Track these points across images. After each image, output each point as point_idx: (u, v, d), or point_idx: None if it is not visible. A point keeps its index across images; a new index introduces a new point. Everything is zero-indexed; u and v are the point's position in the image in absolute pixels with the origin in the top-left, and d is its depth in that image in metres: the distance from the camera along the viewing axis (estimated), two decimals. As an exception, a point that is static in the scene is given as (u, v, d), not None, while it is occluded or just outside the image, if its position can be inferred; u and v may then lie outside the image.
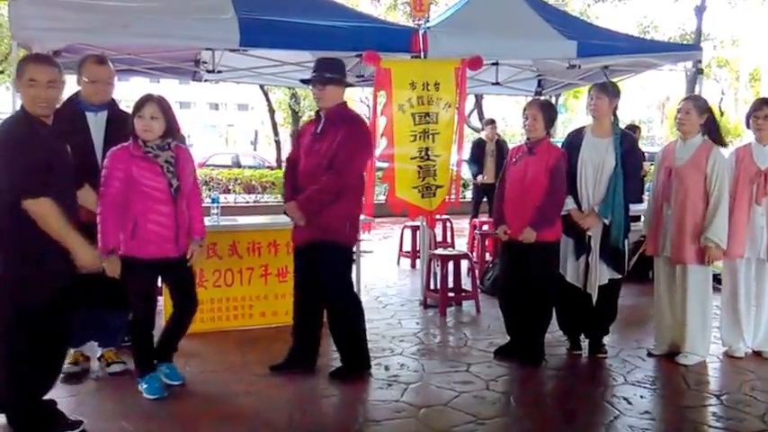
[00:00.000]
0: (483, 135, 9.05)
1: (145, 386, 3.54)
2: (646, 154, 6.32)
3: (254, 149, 27.58)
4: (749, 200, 4.28)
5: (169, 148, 3.49)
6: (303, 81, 4.07)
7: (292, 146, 4.05)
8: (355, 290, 4.06)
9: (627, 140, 4.20)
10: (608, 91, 4.24)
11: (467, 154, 8.30)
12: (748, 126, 4.38)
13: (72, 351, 3.75)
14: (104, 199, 3.34)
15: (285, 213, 3.87)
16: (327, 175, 3.65)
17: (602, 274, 4.16)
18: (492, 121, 9.06)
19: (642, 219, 5.44)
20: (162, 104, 3.45)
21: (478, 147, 8.72)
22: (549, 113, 4.18)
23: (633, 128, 8.29)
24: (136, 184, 3.38)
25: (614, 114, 4.26)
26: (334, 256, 3.77)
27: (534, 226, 3.98)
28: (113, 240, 3.34)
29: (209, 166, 17.22)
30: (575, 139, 4.31)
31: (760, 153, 4.30)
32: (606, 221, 4.12)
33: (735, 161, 4.35)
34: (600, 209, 4.11)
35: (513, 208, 4.13)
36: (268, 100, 17.13)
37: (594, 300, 4.17)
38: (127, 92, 8.57)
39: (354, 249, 4.17)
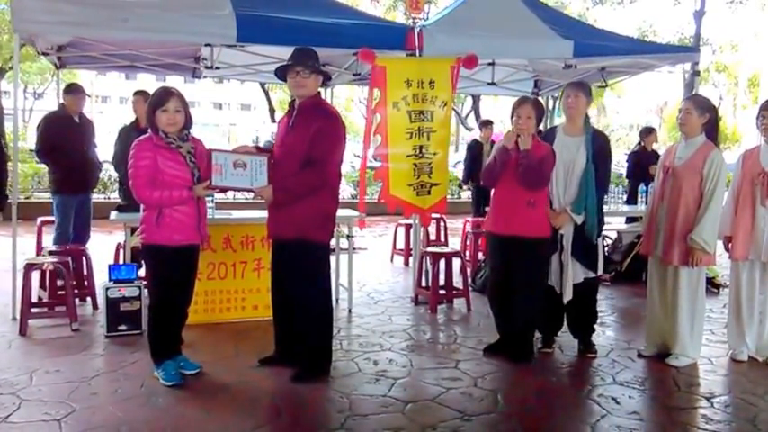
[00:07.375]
0: (478, 137, 9.06)
1: (161, 373, 3.60)
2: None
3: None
4: (752, 201, 4.21)
5: (188, 139, 3.61)
6: (287, 66, 3.70)
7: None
8: (333, 288, 3.94)
9: (598, 139, 4.19)
10: (585, 90, 4.24)
11: (462, 155, 8.34)
12: (758, 128, 4.29)
13: None
14: (138, 180, 3.45)
15: (252, 191, 3.68)
16: (308, 170, 3.55)
17: (576, 272, 4.16)
18: (488, 123, 9.07)
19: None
20: (182, 98, 3.57)
21: (474, 149, 8.74)
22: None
23: (649, 130, 8.27)
24: (160, 173, 3.47)
25: (586, 113, 4.25)
26: (308, 255, 3.67)
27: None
28: (176, 193, 3.48)
29: None
30: (547, 137, 4.29)
31: (767, 154, 4.22)
32: (578, 220, 4.10)
33: (741, 162, 4.29)
34: (573, 208, 4.09)
35: (502, 202, 4.13)
36: (268, 99, 17.11)
37: (568, 298, 4.16)
38: (133, 88, 8.55)
39: (332, 245, 4.04)
